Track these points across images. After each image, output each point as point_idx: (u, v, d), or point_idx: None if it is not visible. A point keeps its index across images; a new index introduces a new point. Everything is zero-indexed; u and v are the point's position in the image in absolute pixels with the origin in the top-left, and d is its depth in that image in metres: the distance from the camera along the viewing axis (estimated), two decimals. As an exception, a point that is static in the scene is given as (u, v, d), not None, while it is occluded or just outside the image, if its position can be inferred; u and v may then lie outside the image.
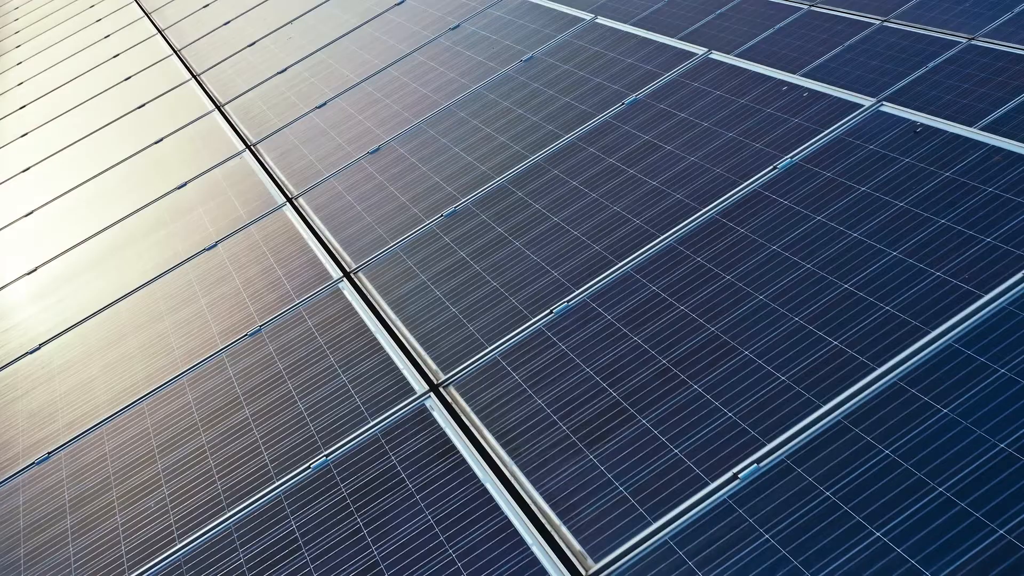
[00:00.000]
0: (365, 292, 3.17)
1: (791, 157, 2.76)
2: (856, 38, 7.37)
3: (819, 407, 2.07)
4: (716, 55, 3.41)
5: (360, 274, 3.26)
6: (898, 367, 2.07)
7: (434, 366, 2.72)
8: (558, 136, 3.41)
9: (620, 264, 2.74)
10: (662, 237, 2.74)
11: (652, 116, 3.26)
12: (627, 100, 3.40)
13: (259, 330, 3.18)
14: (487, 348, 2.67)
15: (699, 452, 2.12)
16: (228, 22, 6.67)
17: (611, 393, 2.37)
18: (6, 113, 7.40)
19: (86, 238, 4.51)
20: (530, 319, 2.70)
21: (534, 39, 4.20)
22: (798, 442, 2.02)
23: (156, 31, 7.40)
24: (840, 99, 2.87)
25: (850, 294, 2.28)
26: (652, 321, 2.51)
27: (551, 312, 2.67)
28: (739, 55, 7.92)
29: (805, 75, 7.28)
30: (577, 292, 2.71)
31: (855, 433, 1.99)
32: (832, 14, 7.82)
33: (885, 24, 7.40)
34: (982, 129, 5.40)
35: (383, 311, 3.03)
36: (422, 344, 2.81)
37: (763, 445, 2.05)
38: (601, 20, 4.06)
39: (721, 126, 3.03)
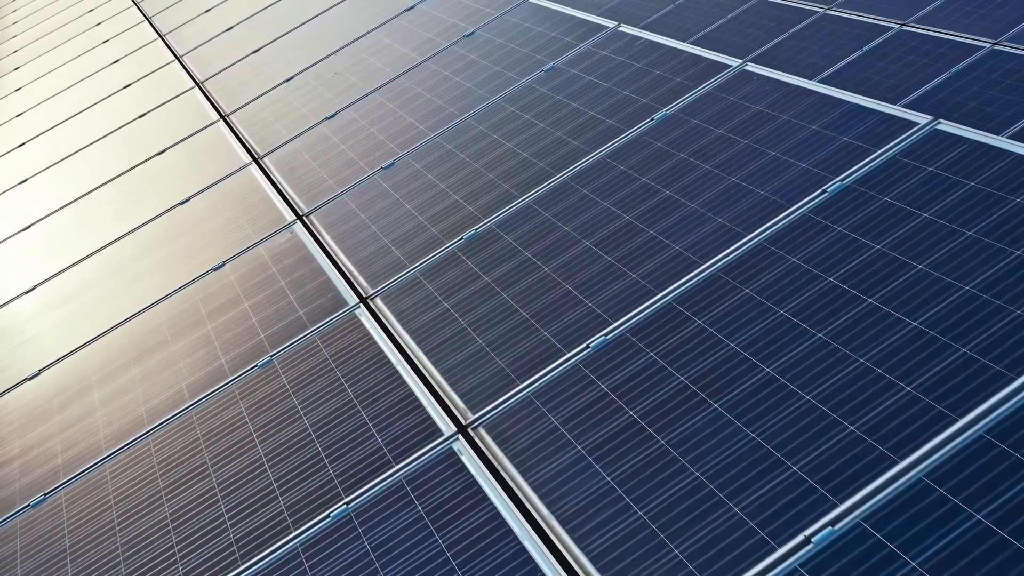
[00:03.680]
0: (489, 458, 2.30)
1: None
2: (962, 64, 6.52)
3: None
4: (945, 125, 2.55)
5: (480, 430, 2.40)
6: None
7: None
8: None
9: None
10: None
11: (879, 213, 2.39)
12: (830, 187, 2.55)
13: (346, 511, 2.33)
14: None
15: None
16: (258, 49, 5.81)
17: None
18: (3, 150, 6.53)
19: (95, 337, 3.64)
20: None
21: (664, 89, 3.35)
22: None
23: (174, 57, 6.54)
24: None
25: None
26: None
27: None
28: (823, 81, 7.06)
29: (907, 106, 6.42)
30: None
31: None
32: (928, 34, 6.96)
33: (996, 47, 6.55)
34: None
35: (543, 523, 2.17)
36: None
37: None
38: (752, 67, 3.20)
39: (969, 224, 2.17)
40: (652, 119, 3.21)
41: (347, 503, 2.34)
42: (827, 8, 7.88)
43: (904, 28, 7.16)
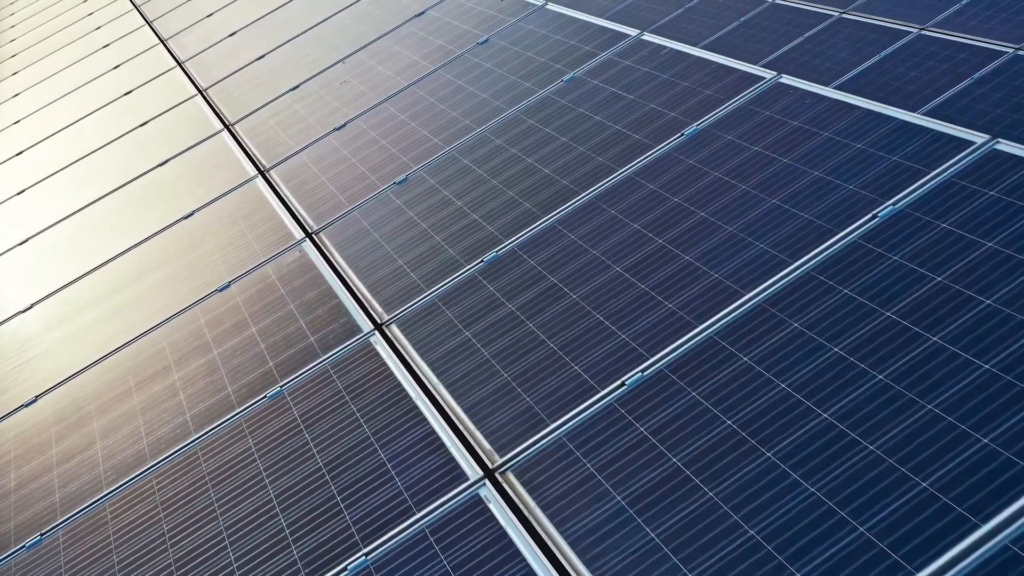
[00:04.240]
0: (520, 506, 2.13)
1: None
2: (985, 70, 6.34)
3: None
4: (1004, 145, 2.39)
5: (509, 474, 2.23)
6: None
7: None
8: (779, 261, 2.38)
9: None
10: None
11: (938, 240, 2.23)
12: (881, 212, 2.38)
13: (364, 562, 2.16)
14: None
15: None
16: (262, 56, 5.64)
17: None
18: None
19: (94, 361, 3.48)
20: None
21: (693, 102, 3.18)
22: None
23: (175, 63, 6.38)
24: None
25: None
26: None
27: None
28: (841, 87, 6.88)
29: (927, 113, 6.25)
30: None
31: None
32: (948, 39, 6.79)
33: (1020, 53, 6.37)
34: None
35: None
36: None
37: None
38: (787, 80, 3.03)
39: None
40: (682, 134, 3.04)
41: (366, 554, 2.17)
42: (843, 12, 7.72)
43: (923, 32, 6.99)
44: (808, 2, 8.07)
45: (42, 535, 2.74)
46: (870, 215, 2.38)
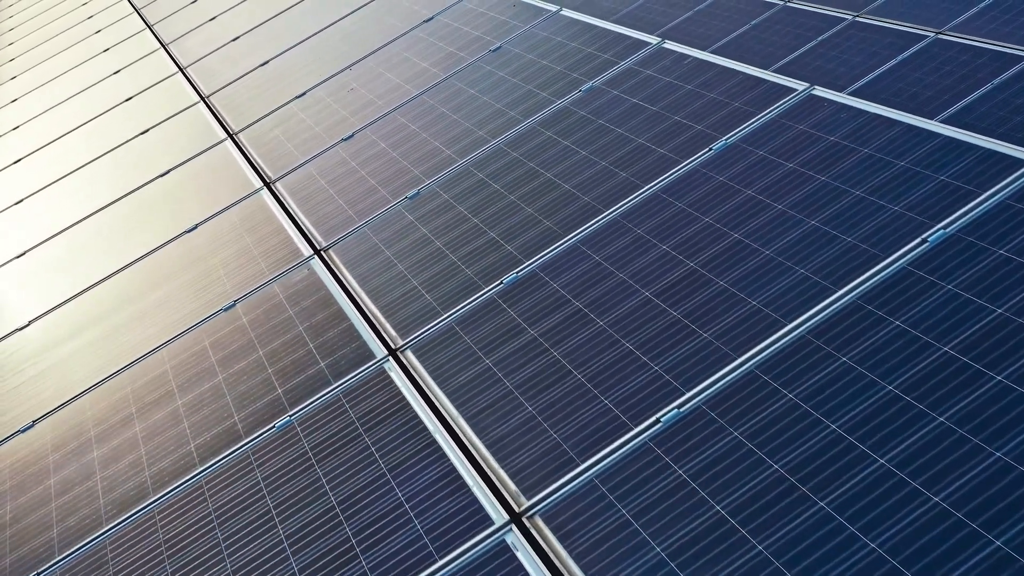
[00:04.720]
0: (550, 556, 1.99)
1: None
2: (1005, 75, 6.20)
3: None
4: (1061, 164, 2.24)
5: (537, 519, 2.08)
6: None
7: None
8: (822, 288, 2.24)
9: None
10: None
11: (995, 268, 2.08)
12: (932, 236, 2.23)
13: (383, 614, 2.01)
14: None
15: None
16: (267, 62, 5.49)
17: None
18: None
19: (94, 384, 3.33)
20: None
21: (721, 114, 3.03)
22: None
23: (177, 69, 6.23)
24: None
25: None
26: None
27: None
28: (854, 93, 6.73)
29: (946, 120, 6.11)
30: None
31: None
32: (966, 44, 6.64)
33: (1040, 58, 6.23)
34: None
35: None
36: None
37: None
38: (821, 91, 2.89)
39: None
40: (710, 149, 2.90)
41: (385, 606, 2.03)
42: (856, 15, 7.58)
43: (940, 37, 6.85)
44: (821, 5, 7.93)
45: (39, 574, 2.60)
46: (919, 239, 2.24)
